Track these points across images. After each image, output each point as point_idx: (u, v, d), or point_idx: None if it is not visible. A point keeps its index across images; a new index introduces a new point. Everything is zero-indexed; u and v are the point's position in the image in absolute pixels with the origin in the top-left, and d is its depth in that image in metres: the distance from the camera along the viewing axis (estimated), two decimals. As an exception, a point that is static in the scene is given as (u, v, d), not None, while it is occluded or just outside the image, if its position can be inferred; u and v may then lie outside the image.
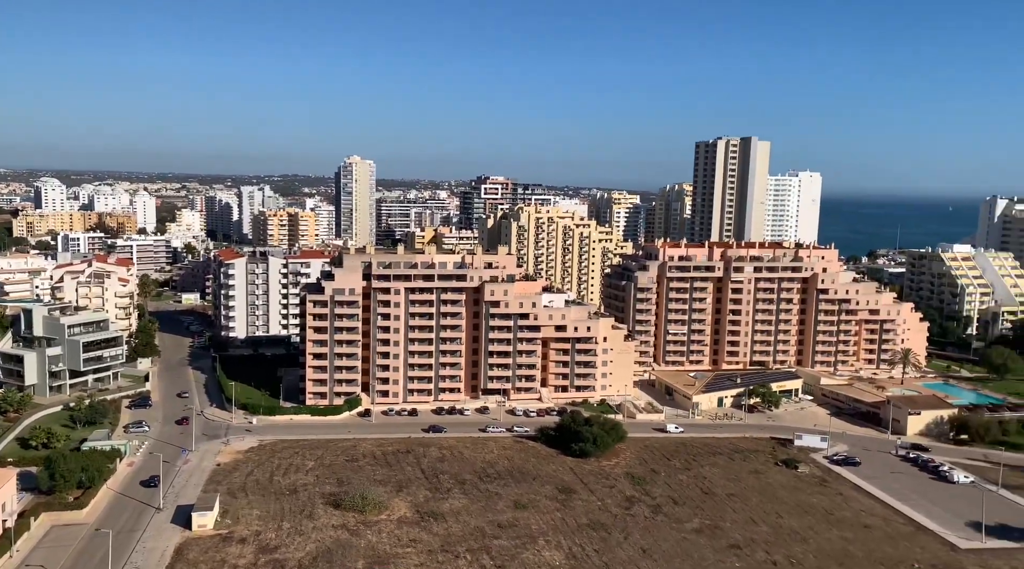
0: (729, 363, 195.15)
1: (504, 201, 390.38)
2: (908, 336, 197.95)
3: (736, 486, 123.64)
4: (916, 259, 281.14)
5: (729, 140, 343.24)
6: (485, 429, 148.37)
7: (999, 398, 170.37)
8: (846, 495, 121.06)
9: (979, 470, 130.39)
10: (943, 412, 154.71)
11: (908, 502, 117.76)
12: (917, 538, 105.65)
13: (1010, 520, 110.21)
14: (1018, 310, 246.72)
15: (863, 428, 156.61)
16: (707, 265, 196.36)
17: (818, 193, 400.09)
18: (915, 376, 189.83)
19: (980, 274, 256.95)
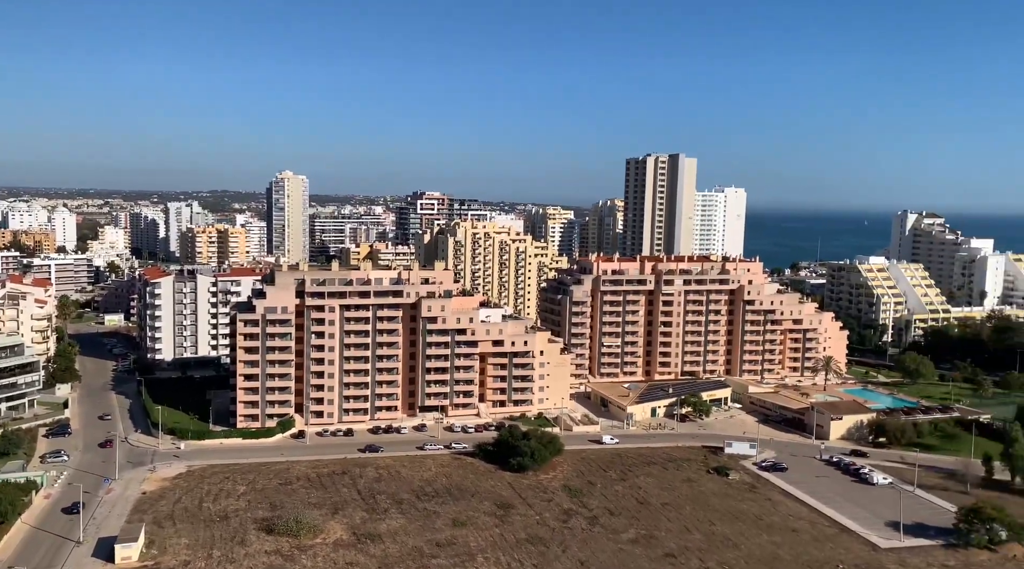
0: (662, 374, 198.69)
1: (440, 216, 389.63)
2: (829, 344, 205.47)
3: (670, 495, 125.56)
4: (835, 271, 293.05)
5: (658, 157, 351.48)
6: (423, 447, 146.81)
7: (913, 402, 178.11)
8: (774, 500, 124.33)
9: (896, 471, 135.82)
10: (863, 417, 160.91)
11: (832, 505, 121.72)
12: (841, 539, 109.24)
13: (926, 519, 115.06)
14: (928, 318, 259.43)
15: (789, 434, 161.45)
16: (639, 279, 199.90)
17: (743, 208, 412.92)
18: (836, 382, 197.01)
19: (894, 284, 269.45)
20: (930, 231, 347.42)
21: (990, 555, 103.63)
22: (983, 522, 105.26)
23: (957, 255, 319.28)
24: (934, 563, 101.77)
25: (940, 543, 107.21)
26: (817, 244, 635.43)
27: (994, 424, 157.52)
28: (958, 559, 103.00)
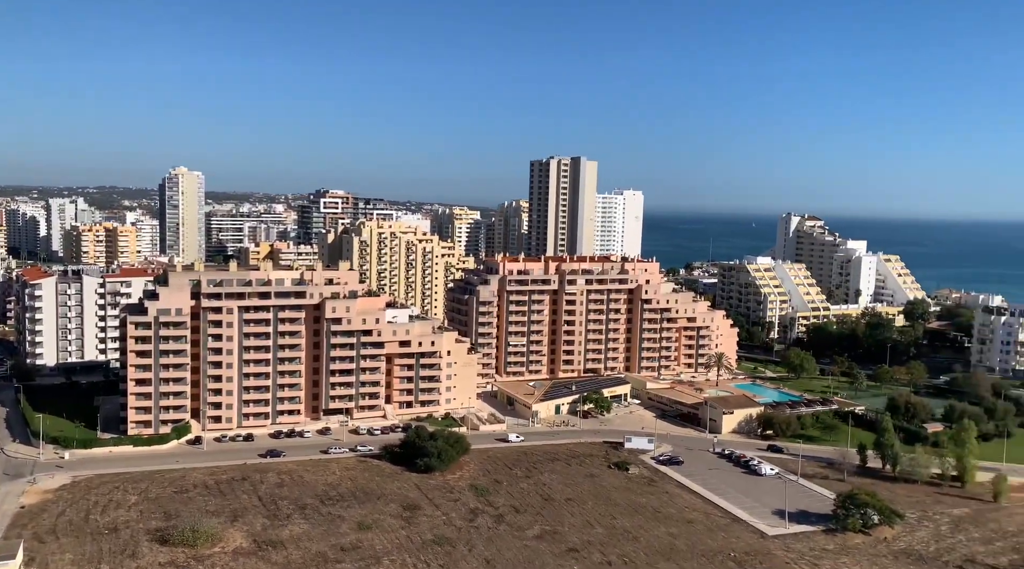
0: (565, 371, 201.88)
1: (345, 216, 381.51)
2: (721, 341, 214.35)
3: (573, 490, 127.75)
4: (726, 270, 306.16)
5: (560, 159, 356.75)
6: (327, 450, 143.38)
7: (797, 395, 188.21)
8: (671, 493, 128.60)
9: (782, 462, 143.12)
10: (752, 410, 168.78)
11: (724, 496, 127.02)
12: (732, 528, 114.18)
13: (808, 506, 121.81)
14: (810, 315, 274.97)
15: (684, 428, 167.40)
16: (544, 279, 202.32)
17: (641, 210, 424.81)
18: (728, 378, 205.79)
19: (779, 283, 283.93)
20: (811, 233, 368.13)
21: (864, 538, 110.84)
22: (858, 507, 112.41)
23: (835, 256, 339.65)
24: (815, 548, 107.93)
25: (821, 528, 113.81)
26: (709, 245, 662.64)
27: (867, 415, 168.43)
28: (836, 543, 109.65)
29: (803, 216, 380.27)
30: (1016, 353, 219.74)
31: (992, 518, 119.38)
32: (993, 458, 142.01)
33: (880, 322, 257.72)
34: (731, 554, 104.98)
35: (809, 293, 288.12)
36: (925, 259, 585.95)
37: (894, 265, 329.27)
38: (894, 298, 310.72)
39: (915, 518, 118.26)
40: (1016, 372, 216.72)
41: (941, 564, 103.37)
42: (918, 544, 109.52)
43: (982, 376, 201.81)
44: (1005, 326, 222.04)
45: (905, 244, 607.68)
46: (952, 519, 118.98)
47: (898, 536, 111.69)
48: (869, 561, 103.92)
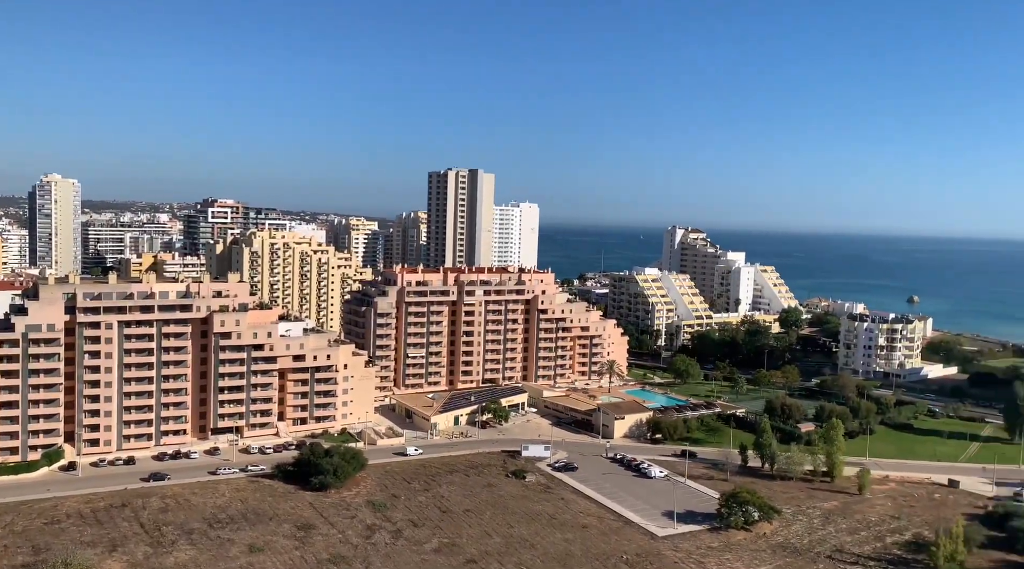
0: (464, 382, 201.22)
1: (235, 226, 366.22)
2: (613, 349, 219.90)
3: (472, 501, 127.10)
4: (617, 281, 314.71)
5: (459, 171, 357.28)
6: (216, 471, 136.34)
7: (683, 400, 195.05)
8: (567, 499, 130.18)
9: (670, 465, 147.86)
10: (642, 415, 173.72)
11: (617, 499, 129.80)
12: (625, 531, 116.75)
13: (695, 506, 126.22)
14: (695, 323, 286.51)
15: (579, 435, 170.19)
16: (442, 290, 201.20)
17: (536, 222, 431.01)
18: (619, 384, 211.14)
19: (666, 293, 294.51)
20: (695, 245, 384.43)
21: (746, 534, 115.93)
22: (740, 505, 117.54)
23: (716, 267, 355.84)
24: (701, 546, 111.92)
25: (707, 527, 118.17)
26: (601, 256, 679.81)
27: (748, 417, 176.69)
28: (720, 540, 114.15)
29: (687, 229, 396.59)
30: (876, 356, 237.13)
31: (857, 510, 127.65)
32: (858, 453, 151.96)
33: (758, 329, 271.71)
34: (623, 557, 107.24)
35: (693, 302, 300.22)
36: (797, 270, 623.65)
37: (770, 276, 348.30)
38: (770, 306, 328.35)
39: (791, 513, 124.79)
40: (876, 373, 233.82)
41: (814, 555, 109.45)
42: (793, 537, 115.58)
43: (848, 378, 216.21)
44: (867, 332, 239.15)
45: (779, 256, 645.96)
46: (823, 512, 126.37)
47: (776, 531, 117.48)
48: (750, 556, 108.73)
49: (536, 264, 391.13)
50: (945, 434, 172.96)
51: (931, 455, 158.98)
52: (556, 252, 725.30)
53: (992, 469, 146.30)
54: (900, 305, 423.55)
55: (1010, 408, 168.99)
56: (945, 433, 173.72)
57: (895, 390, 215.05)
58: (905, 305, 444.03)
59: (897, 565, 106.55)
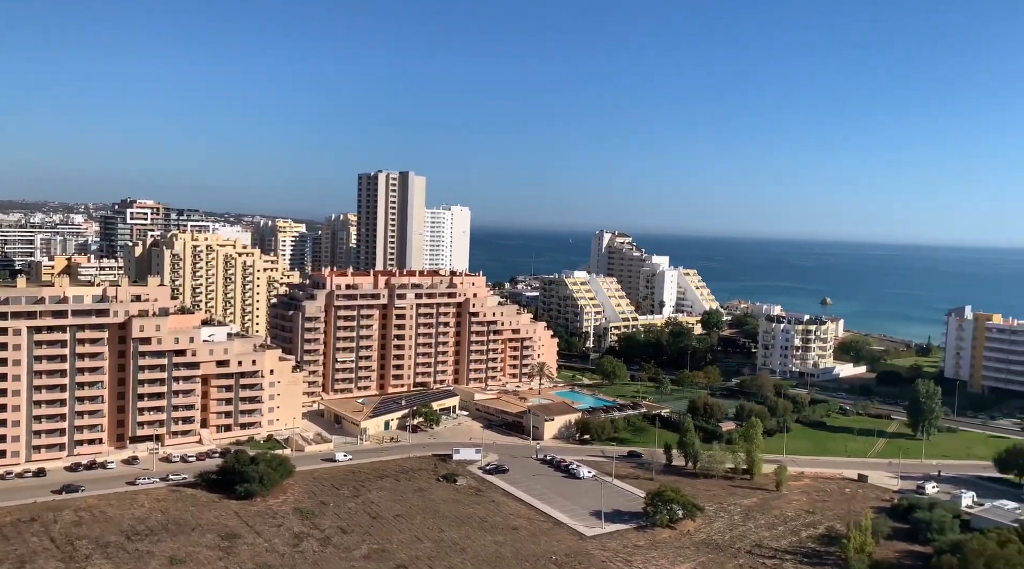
0: (395, 386, 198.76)
1: (155, 228, 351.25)
2: (543, 351, 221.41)
3: (402, 506, 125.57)
4: (547, 284, 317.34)
5: (389, 174, 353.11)
6: (134, 482, 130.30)
7: (611, 400, 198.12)
8: (497, 501, 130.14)
9: (598, 465, 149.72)
10: (571, 416, 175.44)
11: (546, 500, 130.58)
12: (554, 532, 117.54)
13: (621, 505, 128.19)
14: (621, 325, 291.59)
15: (510, 437, 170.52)
16: (373, 293, 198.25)
17: (468, 225, 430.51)
18: (549, 386, 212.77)
19: (594, 296, 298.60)
20: (621, 248, 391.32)
21: (670, 532, 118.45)
22: (665, 504, 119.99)
23: (642, 270, 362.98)
24: (628, 545, 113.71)
25: (633, 526, 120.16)
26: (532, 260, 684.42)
27: (672, 417, 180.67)
28: (646, 538, 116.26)
29: (614, 233, 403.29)
30: (792, 356, 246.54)
31: (775, 505, 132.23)
32: (776, 451, 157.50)
33: (681, 331, 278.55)
34: (552, 557, 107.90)
35: (620, 305, 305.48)
36: (718, 273, 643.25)
37: (692, 278, 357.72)
38: (693, 308, 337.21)
39: (713, 510, 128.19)
40: (792, 373, 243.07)
41: (734, 551, 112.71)
42: (715, 534, 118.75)
43: (766, 378, 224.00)
44: (783, 333, 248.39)
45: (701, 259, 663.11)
46: (743, 508, 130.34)
47: (699, 528, 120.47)
48: (675, 553, 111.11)
49: (468, 267, 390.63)
50: (855, 431, 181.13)
51: (842, 451, 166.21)
52: (488, 255, 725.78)
53: (897, 463, 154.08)
54: (814, 307, 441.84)
55: (913, 405, 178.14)
56: (855, 430, 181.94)
57: (810, 389, 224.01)
58: (819, 307, 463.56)
59: (811, 558, 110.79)
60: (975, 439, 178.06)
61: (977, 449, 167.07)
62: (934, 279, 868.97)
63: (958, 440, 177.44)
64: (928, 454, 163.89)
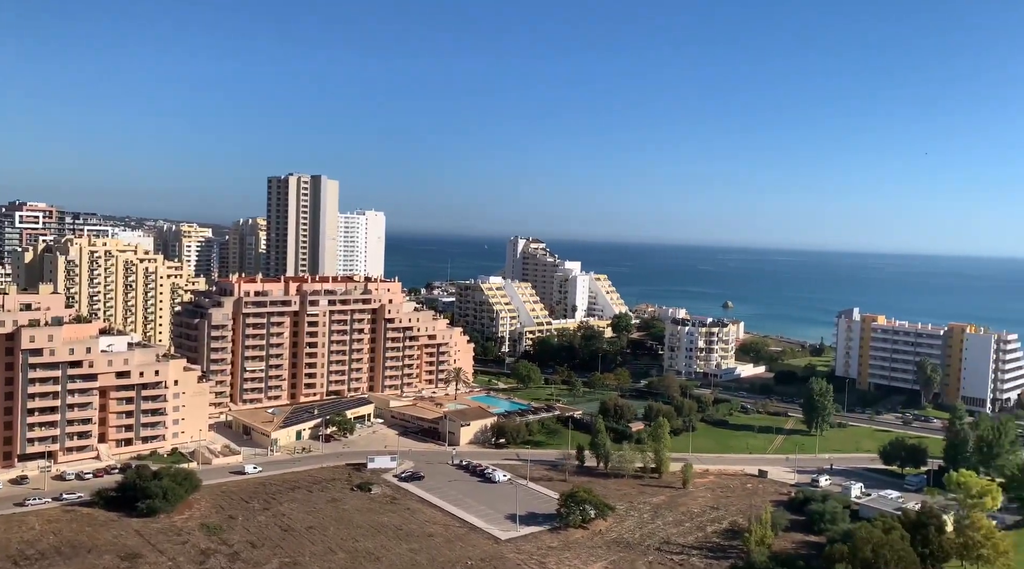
0: (307, 395, 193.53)
1: (48, 232, 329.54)
2: (459, 356, 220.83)
3: (315, 518, 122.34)
4: (463, 289, 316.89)
5: (301, 177, 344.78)
6: (23, 502, 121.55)
7: (526, 404, 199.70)
8: (413, 509, 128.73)
9: (513, 468, 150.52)
10: (487, 421, 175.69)
11: (462, 506, 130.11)
12: (470, 537, 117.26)
13: (536, 508, 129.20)
14: (536, 329, 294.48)
15: (426, 443, 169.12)
16: (283, 299, 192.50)
17: (383, 230, 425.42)
18: (465, 391, 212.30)
19: (509, 301, 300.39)
20: (535, 254, 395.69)
21: (583, 532, 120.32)
22: (577, 504, 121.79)
23: (555, 275, 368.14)
24: (542, 546, 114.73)
25: (547, 528, 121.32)
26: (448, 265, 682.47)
27: (584, 418, 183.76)
28: (560, 539, 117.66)
29: (528, 239, 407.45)
30: (697, 358, 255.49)
31: (682, 502, 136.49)
32: (682, 449, 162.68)
33: (593, 334, 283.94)
34: (468, 563, 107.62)
35: (535, 309, 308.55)
36: (627, 278, 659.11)
37: (603, 283, 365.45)
38: (604, 312, 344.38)
39: (624, 509, 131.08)
40: (697, 374, 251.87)
41: (644, 548, 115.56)
42: (626, 532, 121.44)
43: (672, 379, 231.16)
44: (688, 335, 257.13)
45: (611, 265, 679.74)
46: (652, 506, 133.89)
47: (611, 527, 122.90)
48: (587, 553, 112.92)
49: (383, 273, 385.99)
50: (756, 429, 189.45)
51: (744, 448, 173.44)
52: (403, 261, 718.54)
53: (794, 459, 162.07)
54: (717, 310, 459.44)
55: (807, 403, 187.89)
56: (756, 428, 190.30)
57: (713, 389, 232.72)
58: (721, 310, 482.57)
59: (716, 552, 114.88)
60: (863, 434, 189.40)
61: (864, 443, 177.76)
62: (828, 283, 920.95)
63: (848, 435, 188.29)
64: (821, 449, 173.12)
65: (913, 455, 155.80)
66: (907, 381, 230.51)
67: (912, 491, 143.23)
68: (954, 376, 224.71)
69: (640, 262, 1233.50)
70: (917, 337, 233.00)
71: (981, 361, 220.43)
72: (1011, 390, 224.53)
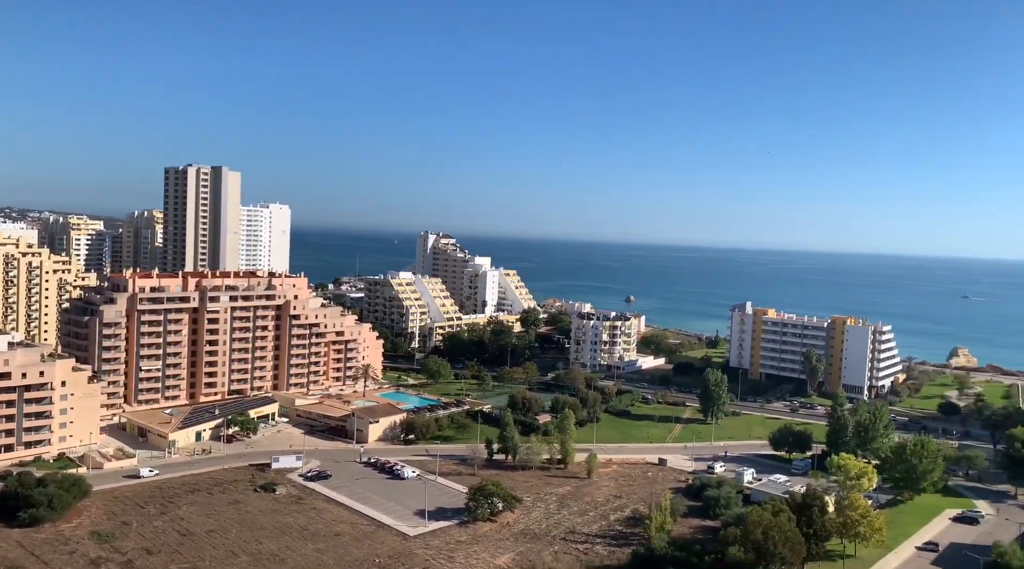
0: (208, 395, 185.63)
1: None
2: (368, 353, 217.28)
3: (215, 521, 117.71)
4: (372, 285, 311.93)
5: (200, 168, 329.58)
6: None
7: (435, 399, 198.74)
8: (319, 508, 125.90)
9: (423, 464, 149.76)
10: (396, 417, 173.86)
11: (370, 504, 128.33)
12: (378, 535, 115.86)
13: (445, 503, 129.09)
14: (446, 325, 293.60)
15: (333, 442, 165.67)
16: (182, 296, 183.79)
17: (288, 224, 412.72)
18: (375, 388, 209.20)
19: (419, 296, 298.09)
20: (445, 250, 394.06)
21: (492, 525, 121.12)
22: (485, 498, 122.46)
23: (465, 270, 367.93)
24: (451, 541, 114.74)
25: (455, 522, 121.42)
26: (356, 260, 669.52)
27: (493, 412, 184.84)
28: (468, 533, 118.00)
29: (439, 234, 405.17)
30: (601, 351, 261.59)
31: (586, 492, 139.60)
32: (587, 440, 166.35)
33: (502, 329, 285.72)
34: (376, 560, 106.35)
35: (445, 305, 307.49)
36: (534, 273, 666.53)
37: (512, 279, 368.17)
38: (513, 307, 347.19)
39: (531, 500, 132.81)
40: (602, 366, 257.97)
41: (551, 538, 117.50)
42: (533, 524, 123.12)
43: (578, 371, 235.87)
44: (593, 329, 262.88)
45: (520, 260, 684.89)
46: (558, 497, 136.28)
47: (518, 519, 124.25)
48: (495, 545, 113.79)
49: (288, 268, 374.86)
50: (656, 418, 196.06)
51: (645, 438, 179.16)
52: (310, 255, 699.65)
53: (691, 447, 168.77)
54: (620, 304, 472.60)
55: (704, 393, 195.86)
56: (656, 417, 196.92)
57: (616, 381, 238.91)
58: (624, 304, 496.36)
59: (619, 540, 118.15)
60: (755, 421, 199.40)
61: (756, 430, 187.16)
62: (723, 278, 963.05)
63: (741, 423, 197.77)
64: (717, 437, 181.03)
65: (799, 441, 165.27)
66: (795, 371, 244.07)
67: (798, 475, 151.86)
68: (836, 365, 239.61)
69: (548, 258, 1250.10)
70: (803, 329, 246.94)
71: (859, 351, 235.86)
72: (885, 378, 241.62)
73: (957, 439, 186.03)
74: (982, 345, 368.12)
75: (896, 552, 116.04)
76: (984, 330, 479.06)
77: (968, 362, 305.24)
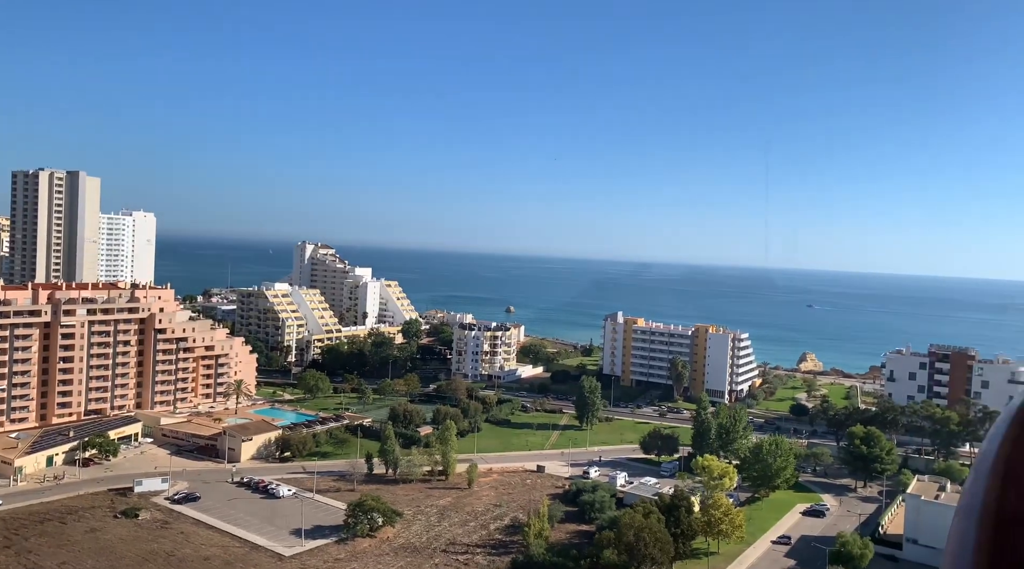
0: (61, 416, 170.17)
1: None
2: (240, 368, 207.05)
3: (68, 553, 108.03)
4: (245, 296, 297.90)
5: (54, 172, 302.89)
6: None
7: (313, 415, 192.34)
8: (187, 532, 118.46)
9: (299, 482, 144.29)
10: (270, 434, 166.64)
11: (243, 525, 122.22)
12: (251, 557, 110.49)
13: (323, 520, 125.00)
14: (325, 337, 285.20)
15: (203, 462, 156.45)
16: (32, 310, 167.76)
17: (153, 233, 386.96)
18: (248, 404, 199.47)
19: (296, 308, 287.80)
20: (324, 260, 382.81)
21: (371, 541, 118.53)
22: (365, 513, 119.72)
23: (345, 281, 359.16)
24: (328, 559, 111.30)
25: (334, 540, 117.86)
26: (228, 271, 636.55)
27: (374, 426, 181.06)
28: (347, 550, 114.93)
29: (317, 244, 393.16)
30: (482, 361, 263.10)
31: (467, 503, 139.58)
32: (468, 450, 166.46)
33: (383, 340, 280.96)
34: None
35: (323, 317, 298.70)
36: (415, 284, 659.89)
37: (394, 290, 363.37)
38: (394, 319, 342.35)
39: (411, 513, 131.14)
40: (483, 376, 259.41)
41: (431, 551, 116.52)
42: (414, 537, 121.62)
43: (460, 382, 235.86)
44: (474, 339, 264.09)
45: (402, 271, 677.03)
46: (439, 509, 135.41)
47: (399, 533, 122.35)
48: (375, 561, 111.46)
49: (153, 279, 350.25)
50: (535, 426, 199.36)
51: (524, 446, 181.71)
52: (177, 266, 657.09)
53: (568, 453, 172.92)
54: (500, 315, 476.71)
55: (579, 400, 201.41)
56: (535, 425, 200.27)
57: (497, 390, 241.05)
58: (504, 315, 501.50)
59: (498, 549, 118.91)
60: (626, 426, 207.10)
61: (628, 434, 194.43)
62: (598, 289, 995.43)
63: (614, 428, 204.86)
64: (592, 442, 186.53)
65: (667, 444, 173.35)
66: (662, 376, 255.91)
67: (667, 477, 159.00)
68: (699, 371, 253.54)
69: (427, 269, 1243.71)
70: (670, 337, 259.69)
71: (720, 357, 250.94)
72: (744, 382, 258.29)
73: (806, 438, 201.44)
74: (827, 350, 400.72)
75: (754, 546, 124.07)
76: (828, 336, 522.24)
77: (815, 366, 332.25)
